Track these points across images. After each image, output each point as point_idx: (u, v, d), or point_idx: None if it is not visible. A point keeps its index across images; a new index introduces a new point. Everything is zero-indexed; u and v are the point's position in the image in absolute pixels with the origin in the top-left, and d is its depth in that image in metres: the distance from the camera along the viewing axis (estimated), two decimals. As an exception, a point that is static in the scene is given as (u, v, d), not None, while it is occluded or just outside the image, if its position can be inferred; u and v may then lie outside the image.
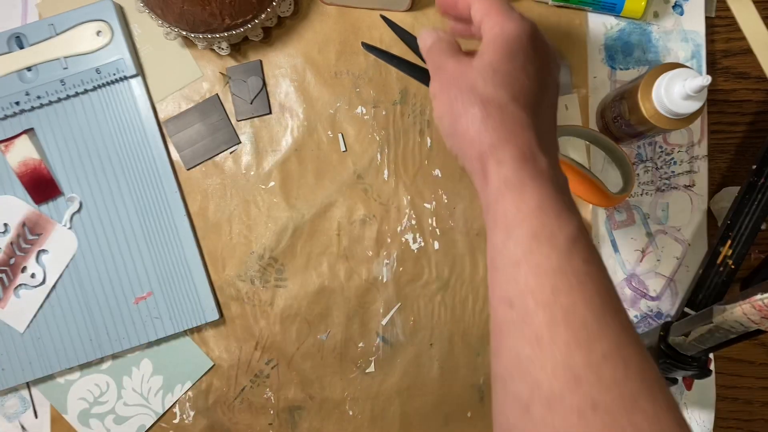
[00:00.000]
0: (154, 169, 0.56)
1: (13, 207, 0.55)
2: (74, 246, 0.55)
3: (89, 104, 0.56)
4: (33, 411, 0.58)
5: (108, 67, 0.55)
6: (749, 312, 0.39)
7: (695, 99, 0.50)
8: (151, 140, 0.56)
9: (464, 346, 0.58)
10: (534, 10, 0.59)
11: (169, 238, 0.56)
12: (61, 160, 0.56)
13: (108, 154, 0.56)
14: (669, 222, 0.60)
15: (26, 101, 0.55)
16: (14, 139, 0.54)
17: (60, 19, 0.55)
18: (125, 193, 0.56)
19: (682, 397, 0.60)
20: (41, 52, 0.55)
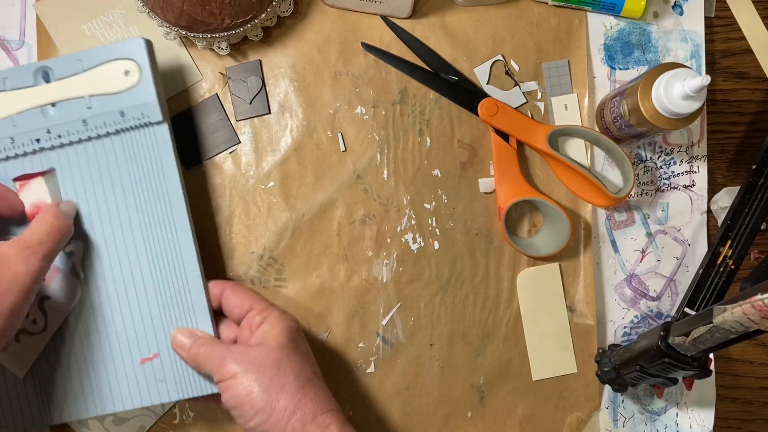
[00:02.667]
0: (171, 226, 0.52)
1: None
2: (77, 295, 0.52)
3: (110, 148, 0.52)
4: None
5: (133, 110, 0.51)
6: (749, 312, 0.39)
7: (695, 99, 0.50)
8: (171, 195, 0.52)
9: (464, 346, 0.58)
10: (534, 10, 0.59)
11: (182, 302, 0.52)
12: (76, 202, 0.52)
13: (125, 203, 0.52)
14: (669, 222, 0.60)
15: (47, 139, 0.51)
16: (30, 179, 0.52)
17: (89, 55, 0.51)
18: (140, 247, 0.52)
19: (682, 397, 0.60)
20: (67, 88, 0.51)
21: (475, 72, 0.59)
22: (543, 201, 0.57)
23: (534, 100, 0.60)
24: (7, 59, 0.59)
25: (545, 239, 0.58)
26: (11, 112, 0.51)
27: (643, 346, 0.51)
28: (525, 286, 0.59)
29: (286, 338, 0.49)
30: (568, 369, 0.59)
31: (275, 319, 0.50)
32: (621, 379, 0.55)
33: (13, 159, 0.52)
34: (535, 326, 0.59)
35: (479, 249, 0.59)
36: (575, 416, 0.59)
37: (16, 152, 0.51)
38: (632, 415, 0.60)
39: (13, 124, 0.51)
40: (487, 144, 0.59)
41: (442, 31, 0.59)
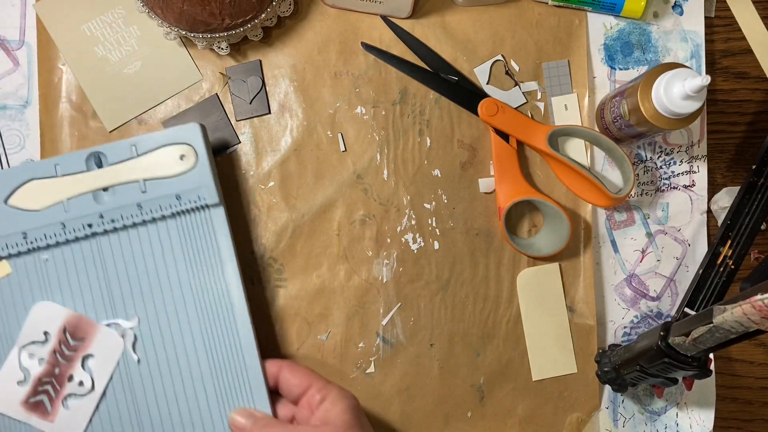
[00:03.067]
0: (227, 306, 0.52)
1: (51, 313, 0.51)
2: (120, 347, 0.51)
3: (165, 231, 0.52)
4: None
5: (189, 193, 0.51)
6: (749, 312, 0.39)
7: (695, 99, 0.50)
8: (227, 275, 0.52)
9: (464, 346, 0.58)
10: (534, 10, 0.59)
11: (239, 382, 0.51)
12: (129, 285, 0.51)
13: (179, 283, 0.52)
14: (669, 222, 0.60)
15: (99, 224, 0.51)
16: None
17: (143, 140, 0.52)
18: (195, 327, 0.51)
19: (682, 397, 0.60)
20: (120, 173, 0.51)
21: (475, 72, 0.59)
22: (543, 201, 0.57)
23: (534, 100, 0.60)
24: (7, 59, 0.59)
25: (545, 239, 0.58)
26: (63, 197, 0.51)
27: (643, 346, 0.51)
28: (525, 286, 0.59)
29: (351, 416, 0.48)
30: (568, 369, 0.59)
31: (336, 397, 0.49)
32: (621, 379, 0.55)
33: (63, 245, 0.51)
34: (535, 326, 0.59)
35: (479, 249, 0.59)
36: (575, 416, 0.59)
37: (67, 238, 0.51)
38: (632, 415, 0.60)
39: (65, 210, 0.51)
40: (487, 144, 0.59)
41: (442, 31, 0.59)
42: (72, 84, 0.59)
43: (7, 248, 0.51)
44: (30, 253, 0.51)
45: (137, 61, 0.59)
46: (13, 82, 0.59)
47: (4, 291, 0.51)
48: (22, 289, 0.51)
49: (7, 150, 0.59)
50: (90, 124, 0.58)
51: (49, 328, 0.51)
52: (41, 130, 0.58)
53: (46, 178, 0.51)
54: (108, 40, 0.59)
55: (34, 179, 0.51)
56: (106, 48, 0.59)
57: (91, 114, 0.58)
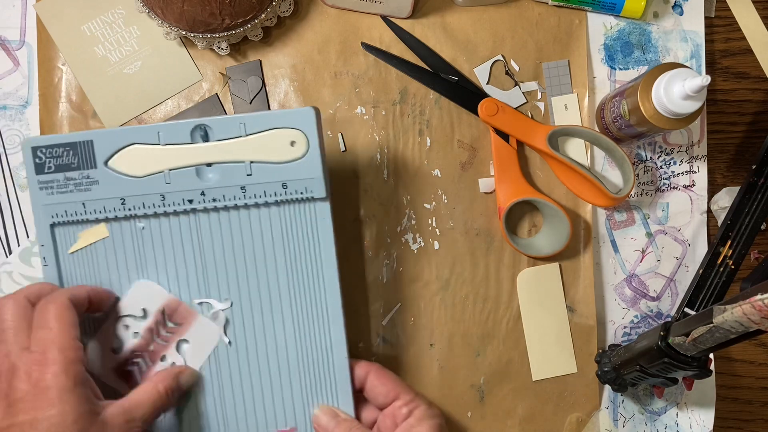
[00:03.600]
0: (322, 302, 0.50)
1: (152, 293, 0.50)
2: (216, 338, 0.50)
3: (266, 218, 0.50)
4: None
5: (296, 183, 0.49)
6: (749, 312, 0.39)
7: (695, 99, 0.50)
8: (325, 271, 0.50)
9: (464, 346, 0.58)
10: (534, 10, 0.59)
11: (325, 378, 0.50)
12: (225, 267, 0.50)
13: (276, 273, 0.50)
14: (669, 222, 0.60)
15: (200, 201, 0.49)
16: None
17: (253, 119, 0.49)
18: (287, 318, 0.50)
19: (682, 397, 0.60)
20: (227, 150, 0.48)
21: (475, 72, 0.59)
22: (543, 201, 0.57)
23: (534, 100, 0.60)
24: (7, 59, 0.59)
25: (545, 239, 0.58)
26: (164, 167, 0.49)
27: (643, 346, 0.51)
28: (525, 286, 0.59)
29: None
30: (568, 369, 0.59)
31: (423, 414, 0.49)
32: (621, 379, 0.55)
33: (161, 216, 0.50)
34: (535, 326, 0.59)
35: (479, 249, 0.59)
36: (575, 416, 0.59)
37: (165, 210, 0.49)
38: (632, 415, 0.60)
39: (166, 181, 0.49)
40: (487, 144, 0.59)
41: (442, 31, 0.59)
42: (72, 84, 0.59)
43: (104, 211, 0.49)
44: (127, 220, 0.50)
45: (137, 61, 0.59)
46: (13, 82, 0.59)
47: (100, 253, 0.50)
48: (116, 254, 0.50)
49: (7, 150, 0.59)
50: (90, 124, 0.58)
51: (148, 306, 0.49)
52: (41, 130, 0.58)
53: (149, 145, 0.48)
54: (108, 40, 0.59)
55: (137, 144, 0.48)
56: (106, 48, 0.59)
57: (91, 114, 0.59)
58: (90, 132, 0.49)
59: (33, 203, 0.49)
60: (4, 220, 0.59)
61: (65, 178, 0.49)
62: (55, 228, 0.50)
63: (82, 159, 0.49)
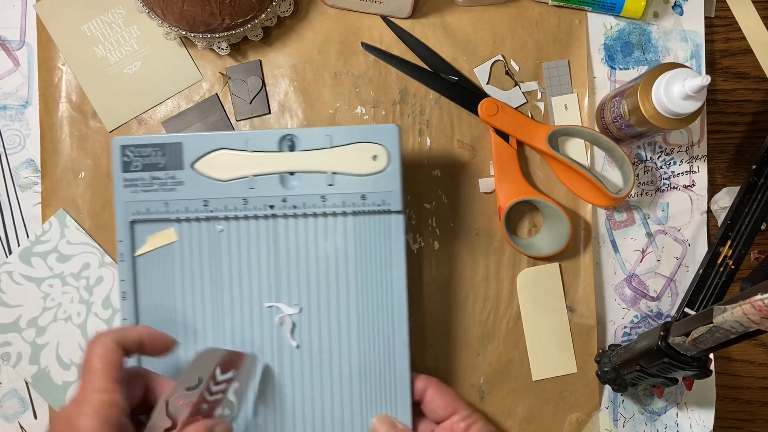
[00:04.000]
0: (388, 313, 0.51)
1: (211, 355, 0.48)
2: (259, 367, 0.51)
3: (342, 227, 0.51)
4: (32, 412, 0.58)
5: (375, 196, 0.50)
6: (749, 312, 0.39)
7: (695, 99, 0.50)
8: (394, 283, 0.51)
9: (464, 346, 0.58)
10: (534, 10, 0.59)
11: (386, 389, 0.51)
12: (297, 273, 0.51)
13: (347, 281, 0.51)
14: (669, 222, 0.60)
15: (281, 207, 0.50)
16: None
17: (339, 132, 0.50)
18: (353, 327, 0.51)
19: (682, 397, 0.60)
20: (311, 160, 0.50)
21: (475, 72, 0.59)
22: (543, 201, 0.57)
23: (534, 100, 0.60)
24: (7, 59, 0.59)
25: (545, 239, 0.58)
26: (249, 173, 0.50)
27: (643, 346, 0.51)
28: (525, 286, 0.59)
29: None
30: (568, 369, 0.59)
31: (481, 430, 0.50)
32: (621, 379, 0.55)
33: (241, 220, 0.51)
34: (535, 326, 0.59)
35: (479, 249, 0.59)
36: (575, 416, 0.59)
37: (246, 214, 0.50)
38: (632, 415, 0.60)
39: (250, 186, 0.50)
40: (487, 144, 0.59)
41: (442, 31, 0.59)
42: (72, 84, 0.59)
43: (186, 212, 0.50)
44: (207, 221, 0.51)
45: (137, 61, 0.59)
46: (13, 82, 0.59)
47: (175, 253, 0.51)
48: (192, 254, 0.51)
49: (7, 150, 0.59)
50: (90, 124, 0.59)
51: (203, 373, 0.47)
52: (41, 130, 0.58)
53: (237, 150, 0.50)
54: (108, 40, 0.59)
55: (224, 149, 0.50)
56: (106, 48, 0.59)
57: (91, 114, 0.59)
58: (180, 135, 0.51)
59: (116, 200, 0.51)
60: (4, 220, 0.59)
61: (151, 177, 0.50)
62: (135, 225, 0.51)
63: (169, 160, 0.50)
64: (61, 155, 0.58)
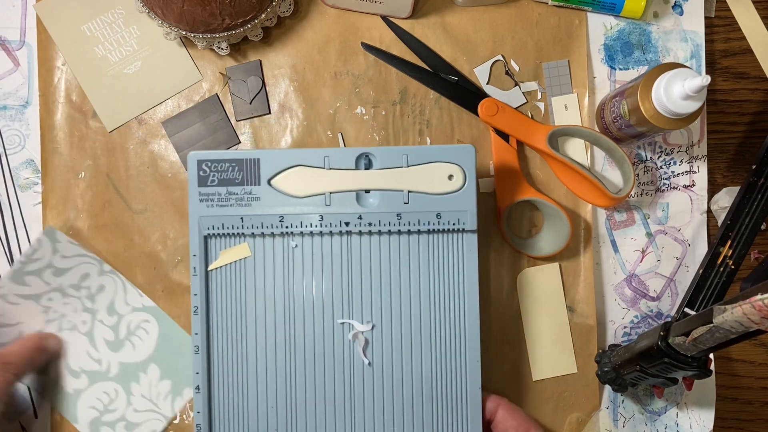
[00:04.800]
0: (461, 333, 0.52)
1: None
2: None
3: (415, 245, 0.51)
4: (33, 411, 0.58)
5: (450, 215, 0.51)
6: (749, 312, 0.39)
7: (695, 99, 0.50)
8: (467, 303, 0.52)
9: (464, 346, 0.58)
10: (534, 10, 0.59)
11: (457, 410, 0.51)
12: (370, 290, 0.52)
13: (419, 300, 0.51)
14: (669, 222, 0.60)
15: (356, 224, 0.51)
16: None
17: (416, 151, 0.51)
18: (425, 346, 0.51)
19: (682, 397, 0.60)
20: (387, 178, 0.51)
21: (475, 72, 0.59)
22: (543, 201, 0.57)
23: (534, 100, 0.60)
24: (7, 59, 0.59)
25: (545, 239, 0.58)
26: (326, 190, 0.51)
27: (643, 346, 0.51)
28: (525, 286, 0.59)
29: None
30: (568, 369, 0.59)
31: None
32: (621, 379, 0.55)
33: (315, 236, 0.51)
34: (535, 326, 0.59)
35: (479, 249, 0.59)
36: (575, 416, 0.59)
37: (321, 231, 0.51)
38: (632, 415, 0.60)
39: (326, 203, 0.51)
40: (487, 144, 0.59)
41: (442, 31, 0.59)
42: (72, 84, 0.59)
43: (261, 227, 0.51)
44: (281, 237, 0.51)
45: (137, 61, 0.59)
46: (13, 82, 0.59)
47: (248, 268, 0.51)
48: (265, 269, 0.51)
49: (7, 150, 0.59)
50: (90, 124, 0.59)
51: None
52: (41, 130, 0.58)
53: (314, 168, 0.51)
54: (108, 40, 0.59)
55: (302, 165, 0.51)
56: (106, 48, 0.59)
57: (91, 114, 0.59)
58: (257, 151, 0.51)
59: (191, 214, 0.51)
60: (4, 220, 0.59)
61: (227, 192, 0.51)
62: (209, 239, 0.51)
63: (246, 175, 0.51)
64: (61, 155, 0.58)
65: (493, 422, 0.52)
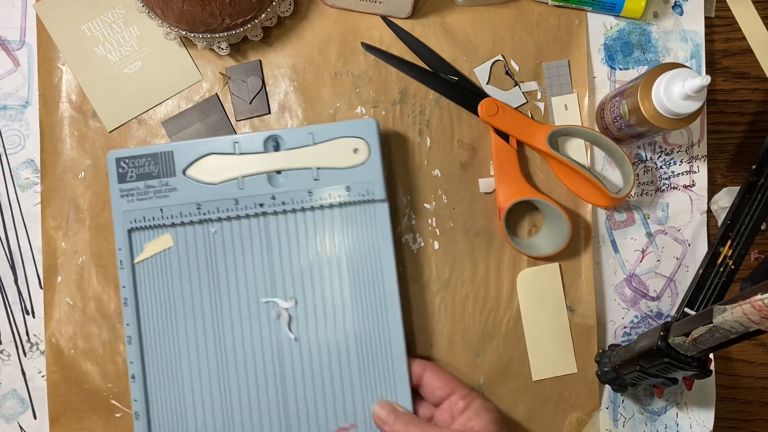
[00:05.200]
0: (381, 300, 0.53)
1: None
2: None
3: (330, 219, 0.54)
4: (32, 412, 0.58)
5: (358, 186, 0.53)
6: (749, 312, 0.39)
7: (695, 99, 0.50)
8: (384, 270, 0.53)
9: (464, 346, 0.58)
10: (534, 10, 0.59)
11: (384, 375, 0.53)
12: (291, 267, 0.53)
13: (339, 271, 0.53)
14: (669, 222, 0.60)
15: (270, 205, 0.53)
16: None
17: (320, 130, 0.53)
18: (348, 316, 0.53)
19: (682, 397, 0.60)
20: (296, 158, 0.53)
21: (475, 72, 0.59)
22: (543, 201, 0.57)
23: (534, 100, 0.60)
24: (7, 59, 0.59)
25: (545, 239, 0.58)
26: (239, 174, 0.53)
27: (643, 346, 0.51)
28: (525, 286, 0.59)
29: (495, 429, 0.49)
30: (568, 369, 0.59)
31: (480, 407, 0.50)
32: (621, 379, 0.55)
33: (233, 220, 0.53)
34: (535, 326, 0.59)
35: (479, 249, 0.59)
36: (575, 416, 0.59)
37: (238, 214, 0.53)
38: (632, 415, 0.60)
39: (239, 187, 0.53)
40: (487, 144, 0.59)
41: (442, 31, 0.59)
42: (72, 84, 0.59)
43: (180, 216, 0.53)
44: (201, 224, 0.54)
45: (137, 61, 0.59)
46: (13, 82, 0.59)
47: (173, 258, 0.53)
48: (189, 258, 0.53)
49: (7, 150, 0.59)
50: (90, 124, 0.59)
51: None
52: (41, 130, 0.58)
53: (225, 154, 0.53)
54: (108, 40, 0.59)
55: (214, 153, 0.53)
56: (106, 48, 0.59)
57: (91, 114, 0.59)
58: (171, 144, 0.54)
59: (114, 210, 0.53)
60: (4, 220, 0.59)
61: (145, 186, 0.53)
62: (133, 233, 0.53)
63: (162, 168, 0.53)
64: (61, 155, 0.58)
65: (420, 386, 0.53)
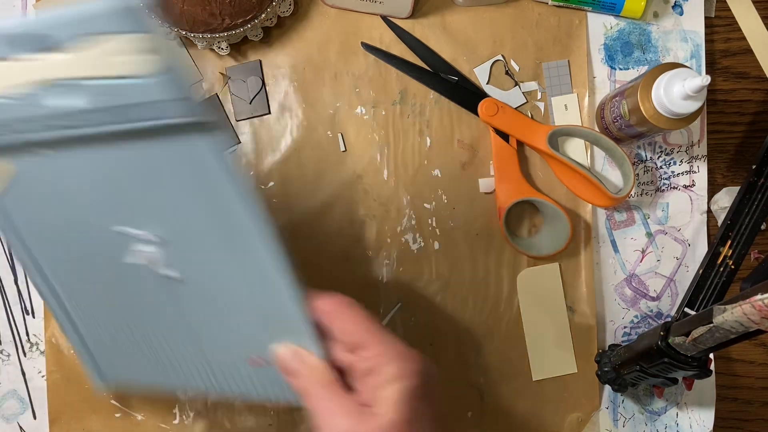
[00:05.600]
0: (245, 235, 0.42)
1: None
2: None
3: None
4: (32, 412, 0.58)
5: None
6: (749, 312, 0.39)
7: (695, 99, 0.50)
8: (235, 202, 0.41)
9: (464, 345, 0.58)
10: (534, 10, 0.59)
11: (281, 314, 0.42)
12: (143, 203, 0.42)
13: (197, 213, 0.41)
14: (669, 222, 0.60)
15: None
16: None
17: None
18: (224, 256, 0.42)
19: (682, 397, 0.60)
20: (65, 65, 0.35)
21: (475, 72, 0.59)
22: (543, 201, 0.57)
23: (534, 100, 0.60)
24: (7, 59, 0.59)
25: (545, 239, 0.58)
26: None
27: (643, 346, 0.51)
28: (525, 286, 0.59)
29: (405, 408, 0.37)
30: (568, 369, 0.59)
31: (392, 375, 0.38)
32: (621, 379, 0.55)
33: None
34: (535, 326, 0.59)
35: (479, 249, 0.59)
36: (575, 416, 0.59)
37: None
38: (632, 415, 0.60)
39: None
40: (487, 144, 0.59)
41: (442, 31, 0.59)
42: (72, 84, 0.59)
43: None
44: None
45: (137, 61, 0.59)
46: (13, 82, 0.59)
47: (33, 188, 0.43)
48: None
49: (7, 150, 0.59)
50: (90, 124, 0.58)
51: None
52: (41, 130, 0.58)
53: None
54: (108, 40, 0.58)
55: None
56: (106, 48, 0.58)
57: (91, 114, 0.58)
58: None
59: None
60: (4, 220, 0.59)
61: None
62: None
63: None
64: (61, 155, 0.58)
65: (333, 328, 0.41)
